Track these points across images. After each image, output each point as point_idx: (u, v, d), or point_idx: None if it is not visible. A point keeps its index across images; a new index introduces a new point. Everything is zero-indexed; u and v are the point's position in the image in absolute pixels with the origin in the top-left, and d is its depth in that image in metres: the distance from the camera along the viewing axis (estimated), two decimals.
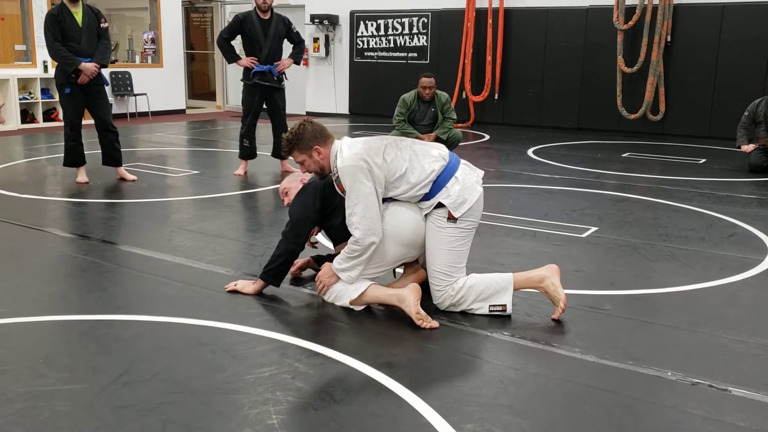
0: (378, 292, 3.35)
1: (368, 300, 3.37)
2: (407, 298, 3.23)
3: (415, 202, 3.36)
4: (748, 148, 7.69)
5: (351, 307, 3.38)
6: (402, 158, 3.29)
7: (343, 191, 3.32)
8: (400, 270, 3.69)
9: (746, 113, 7.83)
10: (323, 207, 3.54)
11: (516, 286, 3.35)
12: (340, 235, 3.55)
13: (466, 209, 3.27)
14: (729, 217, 5.39)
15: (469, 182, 3.33)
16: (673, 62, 10.57)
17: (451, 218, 3.26)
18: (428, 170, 3.27)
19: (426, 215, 3.34)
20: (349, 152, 3.29)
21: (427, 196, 3.29)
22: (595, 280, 3.95)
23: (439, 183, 3.27)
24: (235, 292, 3.59)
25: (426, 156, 3.32)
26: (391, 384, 2.62)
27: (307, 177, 3.72)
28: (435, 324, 3.19)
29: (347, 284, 3.37)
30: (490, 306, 3.33)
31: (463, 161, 3.45)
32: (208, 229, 4.91)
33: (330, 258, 3.63)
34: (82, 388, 2.56)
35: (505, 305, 3.33)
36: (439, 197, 3.27)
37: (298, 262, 3.80)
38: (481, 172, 3.48)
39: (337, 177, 3.33)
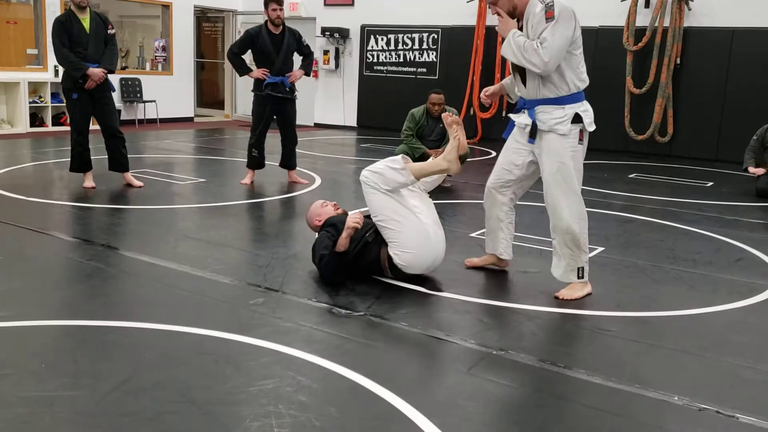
0: (421, 165, 4.06)
1: (415, 173, 3.90)
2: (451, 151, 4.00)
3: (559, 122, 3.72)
4: (756, 171, 7.67)
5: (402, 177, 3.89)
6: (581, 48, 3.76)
7: (551, 18, 3.56)
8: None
9: (755, 137, 7.82)
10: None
11: None
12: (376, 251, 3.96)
13: (593, 128, 3.76)
14: (736, 242, 5.36)
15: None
16: (682, 84, 10.58)
17: (581, 140, 3.72)
18: (580, 79, 3.74)
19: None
20: None
21: (575, 97, 3.70)
22: (601, 301, 3.92)
23: (581, 94, 3.75)
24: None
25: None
26: (394, 400, 2.60)
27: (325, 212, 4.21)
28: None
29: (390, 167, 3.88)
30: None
31: None
32: (214, 237, 4.90)
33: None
34: (83, 395, 2.54)
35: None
36: (579, 107, 3.71)
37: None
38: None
39: (549, 4, 3.60)
